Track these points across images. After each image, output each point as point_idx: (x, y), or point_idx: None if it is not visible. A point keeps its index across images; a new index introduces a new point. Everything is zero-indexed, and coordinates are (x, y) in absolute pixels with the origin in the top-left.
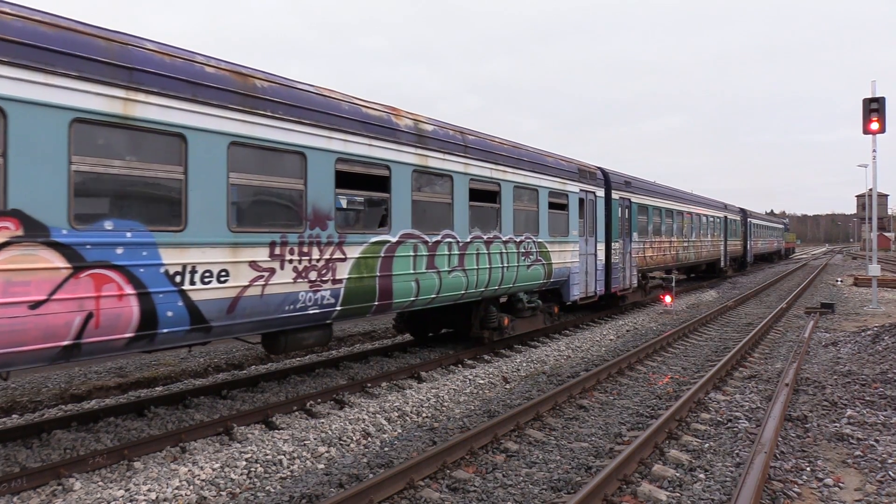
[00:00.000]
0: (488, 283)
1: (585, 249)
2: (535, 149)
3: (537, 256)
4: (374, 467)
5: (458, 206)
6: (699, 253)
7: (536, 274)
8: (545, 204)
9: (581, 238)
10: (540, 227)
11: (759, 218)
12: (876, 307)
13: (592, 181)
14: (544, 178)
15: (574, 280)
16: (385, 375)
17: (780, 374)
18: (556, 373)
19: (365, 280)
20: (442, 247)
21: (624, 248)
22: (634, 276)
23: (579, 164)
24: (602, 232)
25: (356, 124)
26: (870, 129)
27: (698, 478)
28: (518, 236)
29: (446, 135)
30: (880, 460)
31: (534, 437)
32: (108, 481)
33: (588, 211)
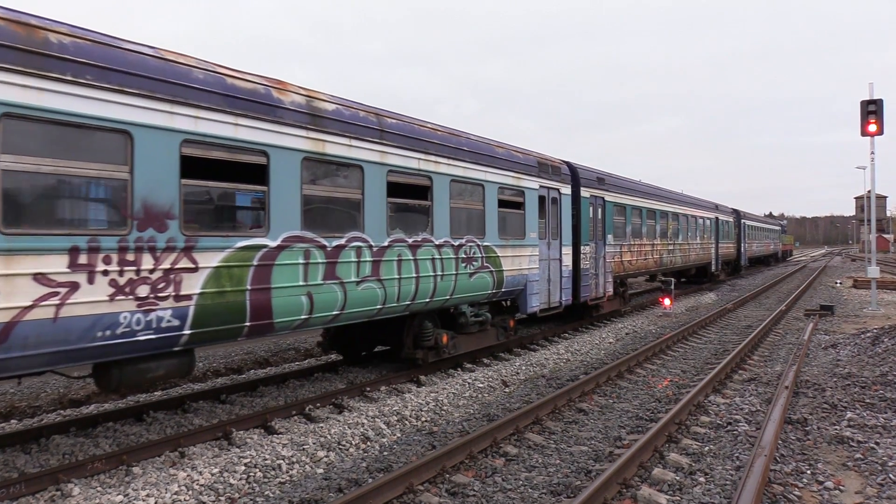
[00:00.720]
0: (415, 296)
1: (547, 254)
2: (481, 137)
3: (483, 263)
4: (374, 472)
5: (371, 202)
6: (687, 256)
7: (482, 283)
8: (494, 202)
9: (542, 241)
10: (487, 228)
11: (754, 219)
12: (875, 309)
13: (556, 177)
14: (493, 172)
15: (532, 289)
16: (384, 379)
17: (779, 376)
18: (556, 376)
19: (229, 295)
20: (347, 253)
21: (596, 252)
22: (609, 282)
23: (540, 156)
24: (569, 234)
25: (215, 98)
26: (868, 132)
27: (698, 481)
28: (457, 239)
29: (354, 116)
30: (881, 463)
31: (533, 440)
32: (107, 486)
33: (551, 210)
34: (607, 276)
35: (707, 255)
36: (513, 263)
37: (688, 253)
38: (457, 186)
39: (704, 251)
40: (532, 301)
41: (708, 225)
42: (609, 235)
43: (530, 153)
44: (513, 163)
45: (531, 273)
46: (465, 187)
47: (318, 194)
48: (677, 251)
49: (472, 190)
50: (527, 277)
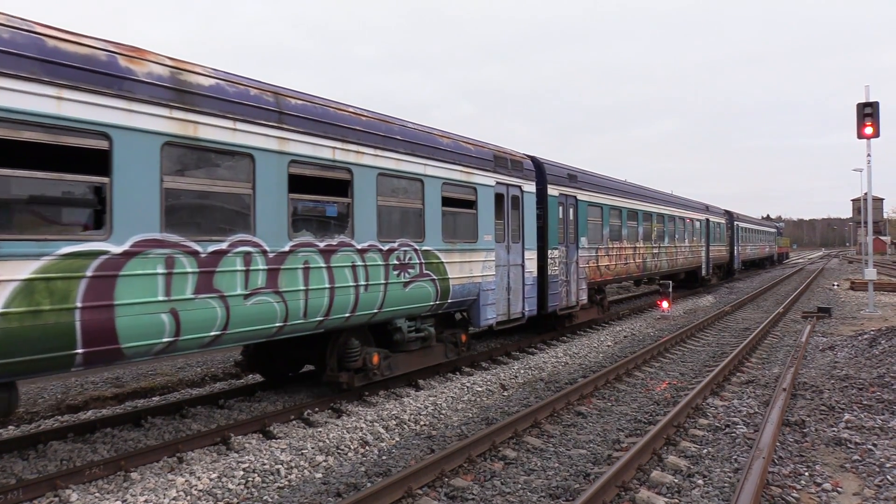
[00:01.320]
0: (330, 311)
1: (506, 259)
2: (422, 126)
3: (422, 270)
4: (372, 476)
5: (265, 199)
6: (674, 260)
7: (421, 293)
8: (436, 200)
9: (500, 245)
10: (427, 230)
11: (748, 221)
12: (872, 311)
13: (518, 173)
14: (435, 165)
15: (487, 299)
16: (382, 383)
17: (777, 378)
18: (554, 379)
19: (47, 316)
20: (231, 260)
21: (568, 256)
22: (583, 290)
23: (497, 149)
24: (533, 237)
25: (26, 63)
26: (864, 134)
27: (697, 484)
28: (386, 243)
29: (242, 94)
30: (878, 464)
31: (532, 444)
32: (105, 492)
33: (511, 210)
34: (581, 283)
35: (697, 258)
36: (462, 270)
37: (675, 256)
38: (387, 182)
39: (694, 254)
40: (487, 313)
41: (697, 227)
42: (583, 238)
43: (484, 145)
44: (461, 155)
45: (486, 281)
46: (398, 183)
47: (187, 188)
48: (663, 255)
49: (408, 186)
50: (480, 286)
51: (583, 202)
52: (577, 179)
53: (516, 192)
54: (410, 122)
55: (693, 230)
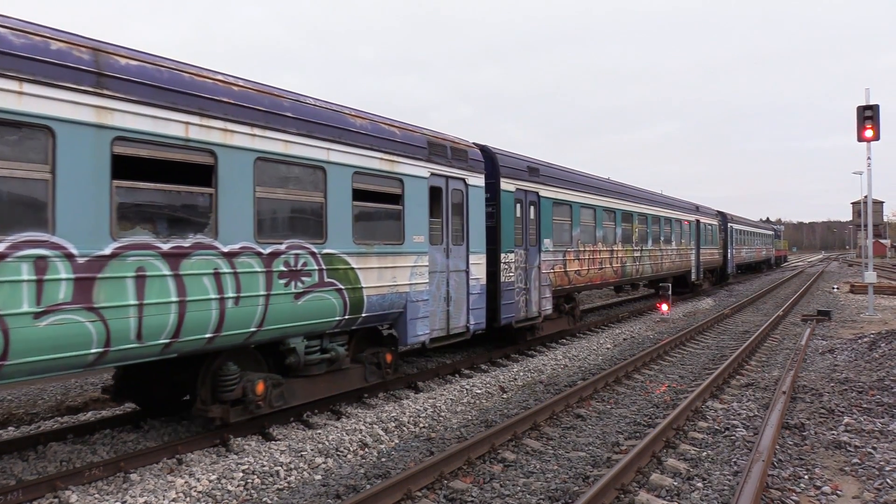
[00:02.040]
0: (180, 331)
1: (445, 264)
2: (325, 102)
3: (323, 278)
4: (372, 478)
5: (71, 187)
6: (658, 264)
7: (322, 307)
8: (345, 192)
9: (436, 248)
10: (331, 229)
11: (744, 223)
12: (872, 314)
13: (461, 163)
14: (343, 151)
15: (417, 311)
16: (382, 386)
17: (777, 381)
18: (553, 382)
19: None
20: (11, 267)
21: (527, 260)
22: (547, 298)
23: (433, 135)
24: (481, 238)
25: None
26: (864, 137)
27: (696, 487)
28: (269, 244)
29: (31, 47)
30: (878, 468)
31: (531, 446)
32: (105, 493)
33: (451, 207)
34: (544, 291)
35: (685, 262)
36: (381, 278)
37: (660, 260)
38: (271, 168)
39: (682, 258)
40: (417, 328)
41: (686, 228)
42: (547, 240)
43: (416, 129)
44: (382, 140)
45: (415, 291)
46: (288, 170)
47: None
48: (646, 258)
49: (304, 175)
50: (408, 297)
51: (547, 199)
52: (539, 173)
53: (459, 186)
54: (310, 97)
55: (681, 232)
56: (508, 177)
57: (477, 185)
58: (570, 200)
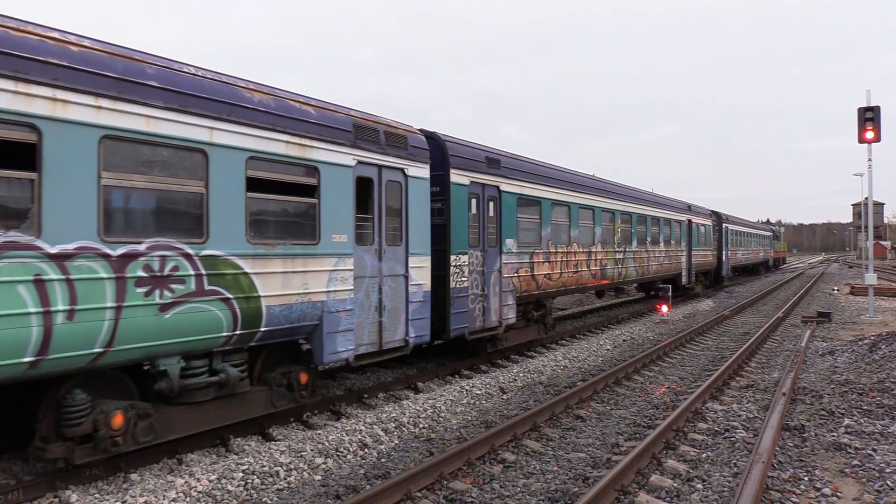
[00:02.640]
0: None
1: (377, 268)
2: (209, 71)
3: (203, 285)
4: (371, 478)
5: None
6: (644, 267)
7: (201, 321)
8: (236, 181)
9: (364, 248)
10: (215, 226)
11: (740, 223)
12: (872, 316)
13: (398, 150)
14: (233, 130)
15: (339, 324)
16: (382, 386)
17: (777, 383)
18: (553, 383)
19: None
20: None
21: (485, 263)
22: (510, 305)
23: (362, 117)
24: (423, 237)
25: None
26: (865, 139)
27: (696, 488)
28: (121, 244)
29: None
30: (878, 469)
31: (531, 447)
32: (105, 493)
33: (385, 201)
34: (506, 297)
35: (675, 264)
36: (287, 285)
37: (646, 262)
38: (125, 150)
39: (672, 260)
40: (337, 343)
41: (676, 229)
42: (509, 240)
43: (338, 109)
44: (289, 120)
45: (335, 299)
46: (152, 153)
47: None
48: (629, 261)
49: (176, 159)
50: (325, 306)
51: (509, 194)
52: (499, 165)
53: (396, 178)
54: (191, 65)
55: (670, 232)
56: (461, 168)
57: (420, 177)
58: (539, 196)
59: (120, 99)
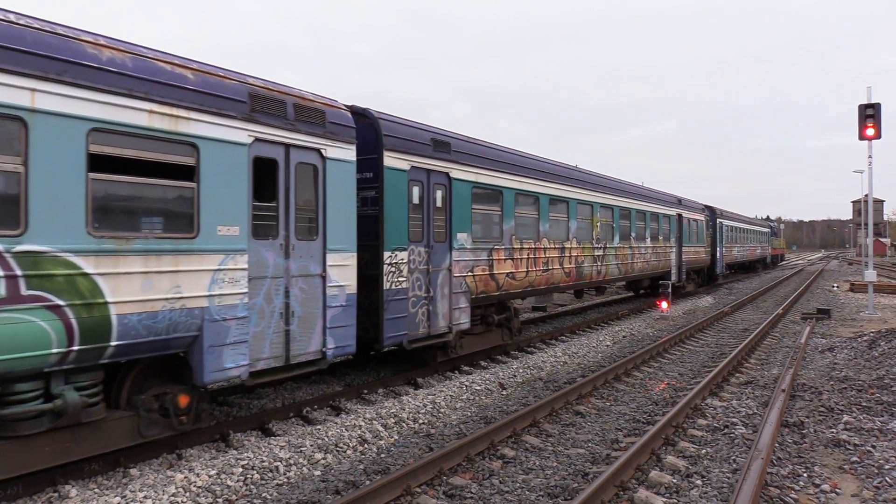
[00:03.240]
0: None
1: (282, 267)
2: (35, 20)
3: (19, 290)
4: (371, 474)
5: None
6: (628, 265)
7: (16, 335)
8: (71, 159)
9: (265, 243)
10: (37, 214)
11: (736, 219)
12: (872, 312)
13: (312, 128)
14: (67, 94)
15: (225, 334)
16: (381, 382)
17: (776, 379)
18: (553, 379)
19: None
20: None
21: (431, 260)
22: (463, 308)
23: (261, 85)
24: (348, 231)
25: None
26: (865, 135)
27: (695, 484)
28: None
29: None
30: (877, 466)
31: (531, 443)
32: (104, 488)
33: (295, 187)
34: (458, 300)
35: (664, 262)
36: (150, 288)
37: (630, 260)
38: None
39: (659, 257)
40: (224, 358)
41: (665, 224)
42: (461, 234)
43: (228, 75)
44: (154, 84)
45: (221, 304)
46: None
47: None
48: (611, 258)
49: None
50: (205, 313)
51: (463, 183)
52: (450, 149)
53: (309, 159)
54: (6, 9)
55: (658, 227)
56: (399, 151)
57: (343, 160)
58: (500, 186)
59: None
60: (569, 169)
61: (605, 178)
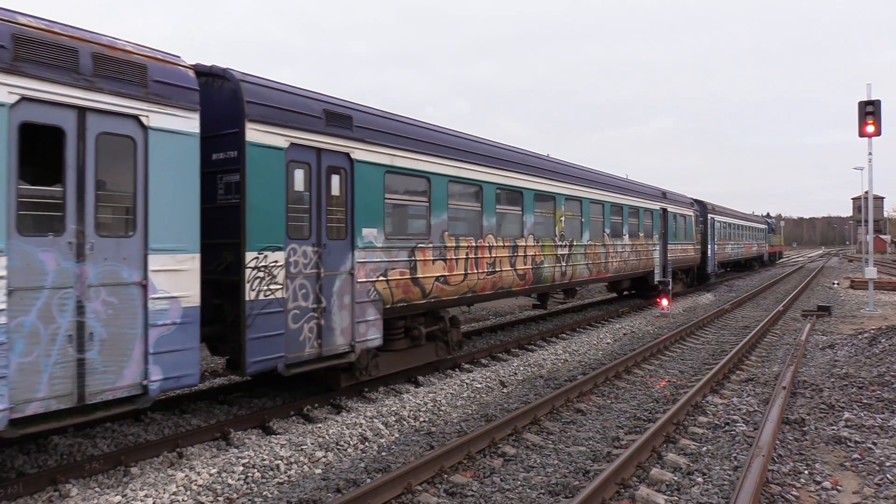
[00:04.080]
0: None
1: (69, 274)
2: None
3: None
4: (372, 472)
5: None
6: (601, 265)
7: None
8: None
9: (35, 241)
10: None
11: (729, 214)
12: (872, 310)
13: (123, 86)
14: None
15: None
16: (382, 380)
17: (777, 377)
18: (554, 377)
19: None
20: None
21: (324, 263)
22: (372, 322)
23: (40, 27)
24: (183, 225)
25: None
26: (866, 132)
27: (696, 481)
28: None
29: None
30: (878, 463)
31: (531, 441)
32: (105, 487)
33: (90, 165)
34: (363, 311)
35: (645, 261)
36: None
37: (602, 259)
38: None
39: (640, 256)
40: None
41: (647, 219)
42: (369, 230)
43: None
44: None
45: None
46: None
47: None
48: (578, 257)
49: None
50: None
51: (371, 166)
52: (351, 124)
53: (120, 129)
54: None
55: (639, 223)
56: (273, 124)
57: (178, 131)
58: (425, 171)
59: None
60: (523, 155)
61: (573, 167)
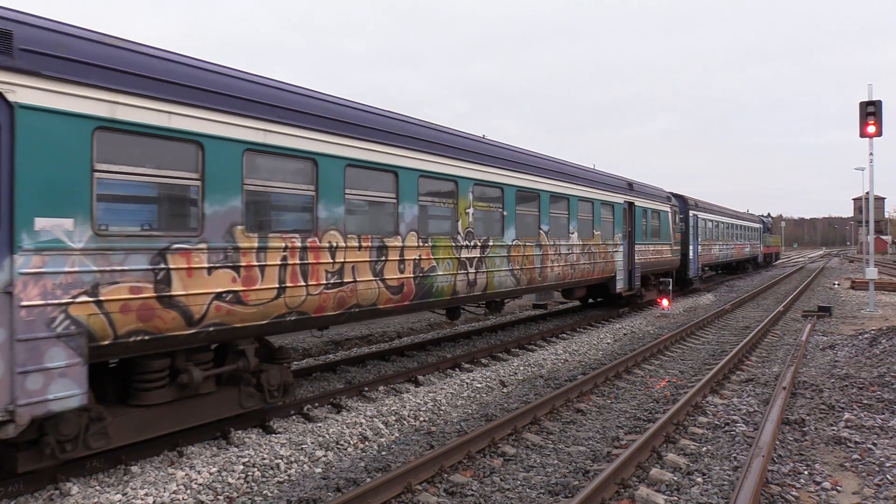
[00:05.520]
0: None
1: None
2: None
3: None
4: (372, 471)
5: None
6: (535, 270)
7: None
8: None
9: None
10: None
11: (716, 211)
12: (873, 310)
13: None
14: None
15: None
16: (382, 379)
17: (777, 377)
18: (554, 376)
19: None
20: None
21: None
22: (59, 369)
23: None
24: None
25: None
26: (866, 133)
27: (696, 481)
28: None
29: None
30: (878, 463)
31: (531, 441)
32: (106, 485)
33: None
34: (37, 354)
35: (602, 265)
36: None
37: (536, 263)
38: None
39: (595, 259)
40: None
41: (605, 213)
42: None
43: None
44: None
45: None
46: None
47: None
48: (497, 261)
49: None
50: None
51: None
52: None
53: None
54: None
55: (594, 219)
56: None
57: None
58: (193, 132)
59: None
60: (401, 122)
61: (492, 145)
